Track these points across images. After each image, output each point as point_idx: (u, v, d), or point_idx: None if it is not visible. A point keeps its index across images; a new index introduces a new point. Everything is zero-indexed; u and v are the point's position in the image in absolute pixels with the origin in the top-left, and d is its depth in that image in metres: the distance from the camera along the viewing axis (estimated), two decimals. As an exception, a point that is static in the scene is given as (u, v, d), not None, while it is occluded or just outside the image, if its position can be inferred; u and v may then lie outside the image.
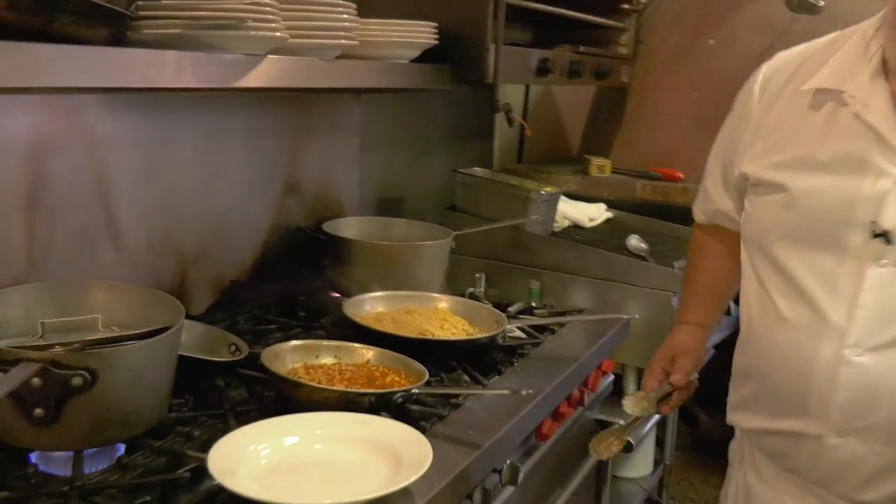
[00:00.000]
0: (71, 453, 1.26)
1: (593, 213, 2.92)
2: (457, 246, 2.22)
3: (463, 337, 1.72)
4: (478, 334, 1.75)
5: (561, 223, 2.79)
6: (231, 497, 1.16)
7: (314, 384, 1.41)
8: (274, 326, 1.89)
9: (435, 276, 2.09)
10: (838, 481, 1.25)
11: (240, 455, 1.18)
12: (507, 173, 2.97)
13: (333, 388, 1.41)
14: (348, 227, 2.16)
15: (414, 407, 1.44)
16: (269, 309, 2.00)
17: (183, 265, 1.78)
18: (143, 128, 1.65)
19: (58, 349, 1.22)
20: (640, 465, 2.91)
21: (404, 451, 1.21)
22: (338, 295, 2.08)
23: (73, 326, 1.36)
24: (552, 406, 1.66)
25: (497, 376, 1.65)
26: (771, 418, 1.32)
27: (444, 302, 1.88)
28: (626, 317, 2.04)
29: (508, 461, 1.47)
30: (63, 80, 1.18)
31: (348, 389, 1.41)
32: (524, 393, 1.42)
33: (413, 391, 1.41)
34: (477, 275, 2.38)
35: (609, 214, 2.98)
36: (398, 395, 1.40)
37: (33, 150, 1.44)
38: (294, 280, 2.09)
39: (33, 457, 1.28)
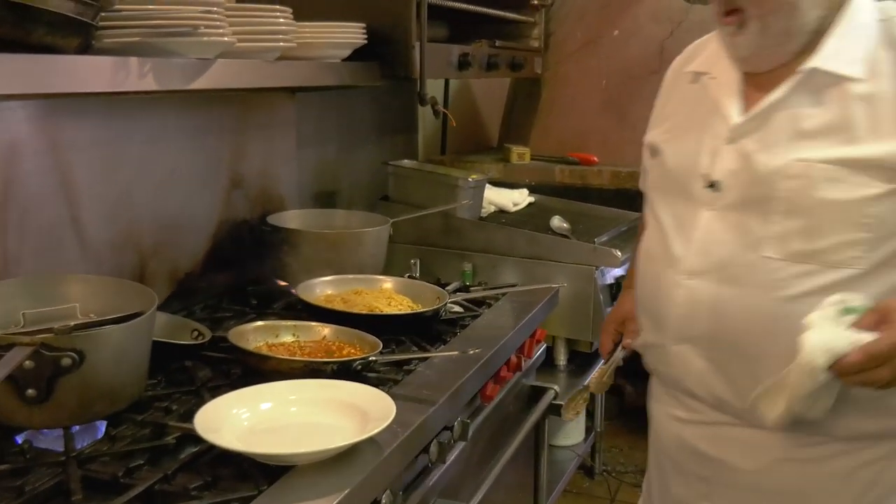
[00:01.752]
0: (59, 432, 1.37)
1: (517, 198, 3.10)
2: (392, 234, 2.36)
3: (409, 311, 1.88)
4: (422, 309, 1.91)
5: (487, 209, 2.96)
6: (216, 456, 1.30)
7: (281, 356, 1.55)
8: (229, 314, 2.01)
9: (376, 262, 2.24)
10: (681, 381, 1.48)
11: (222, 418, 1.31)
12: (433, 164, 3.13)
13: (299, 358, 1.55)
14: (291, 219, 2.29)
15: (371, 374, 1.58)
16: (221, 298, 2.11)
17: (142, 259, 1.88)
18: (99, 130, 1.75)
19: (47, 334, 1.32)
20: (573, 434, 3.11)
21: (370, 407, 1.35)
22: (284, 283, 2.21)
23: (53, 316, 1.46)
24: (494, 369, 1.82)
25: (442, 345, 1.80)
26: (645, 334, 1.56)
27: (388, 283, 2.03)
28: (555, 286, 2.21)
29: (459, 418, 1.63)
30: (43, 87, 1.29)
31: (312, 359, 1.55)
32: (471, 352, 1.58)
33: (370, 358, 1.56)
34: (412, 260, 2.53)
35: (531, 199, 3.16)
36: (357, 362, 1.54)
37: (4, 154, 1.54)
38: (242, 270, 2.21)
39: (20, 438, 1.38)
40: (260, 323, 1.71)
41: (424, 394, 1.53)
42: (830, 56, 1.30)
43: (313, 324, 1.73)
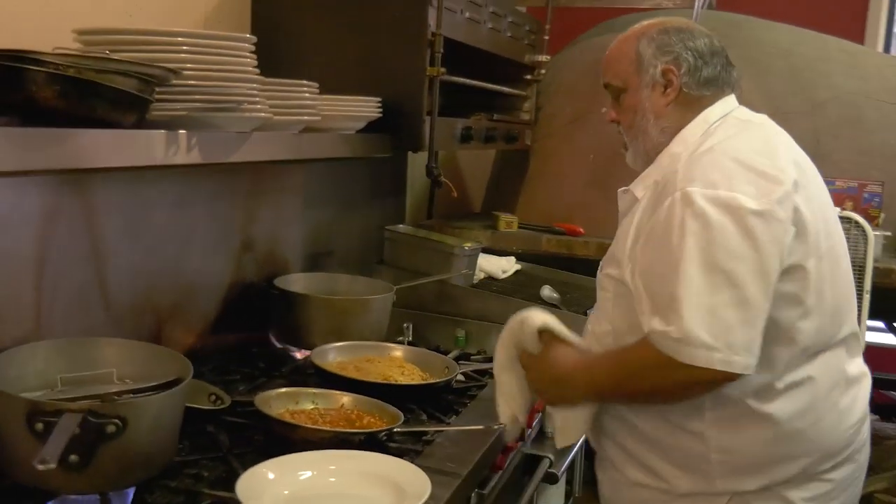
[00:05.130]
0: (92, 498, 1.39)
1: (505, 266, 3.17)
2: (392, 299, 2.41)
3: (420, 382, 1.92)
4: (431, 379, 1.95)
5: (477, 275, 3.03)
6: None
7: (310, 426, 1.58)
8: (237, 377, 2.03)
9: (380, 328, 2.29)
10: None
11: (263, 485, 1.34)
12: (426, 229, 3.20)
13: (328, 428, 1.58)
14: (296, 283, 2.33)
15: (392, 444, 1.63)
16: (229, 361, 2.13)
17: (159, 322, 1.91)
18: (126, 196, 1.78)
19: (94, 400, 1.34)
20: (554, 499, 3.14)
21: (405, 483, 1.39)
22: (290, 346, 2.25)
23: (89, 380, 1.49)
24: (502, 441, 1.87)
25: (454, 415, 1.85)
26: None
27: (398, 351, 2.08)
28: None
29: (476, 490, 1.67)
30: (103, 161, 1.33)
31: (341, 429, 1.58)
32: (496, 426, 1.64)
33: (395, 429, 1.61)
34: (405, 325, 2.57)
35: (518, 266, 3.24)
36: (383, 433, 1.59)
37: (43, 220, 1.57)
38: (249, 332, 2.24)
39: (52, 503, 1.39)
40: (282, 390, 1.75)
41: (449, 466, 1.57)
42: (639, 179, 1.67)
43: (333, 392, 1.77)
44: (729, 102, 1.70)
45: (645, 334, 1.46)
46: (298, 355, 2.22)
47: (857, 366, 1.67)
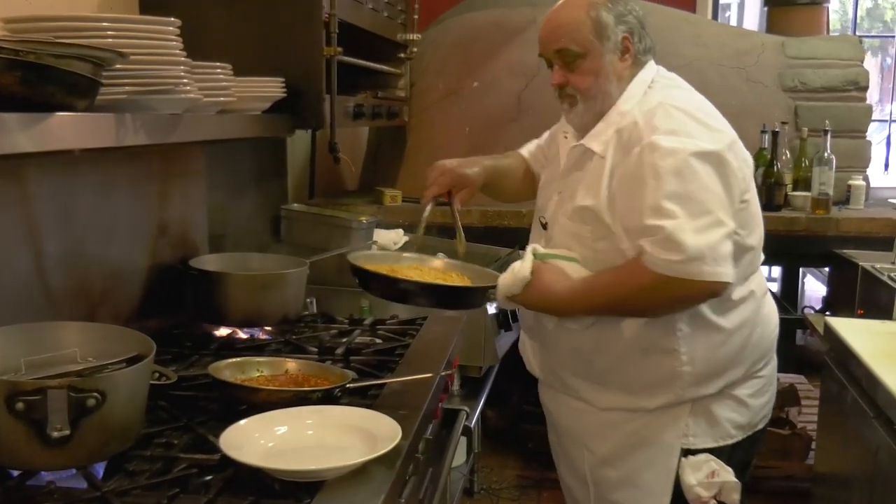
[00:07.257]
0: (71, 472, 1.44)
1: (395, 238, 3.30)
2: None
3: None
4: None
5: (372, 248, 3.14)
6: (241, 481, 1.40)
7: (272, 388, 1.67)
8: (169, 357, 2.07)
9: (297, 301, 2.37)
10: None
11: (244, 439, 1.43)
12: (319, 207, 3.28)
13: (288, 388, 1.67)
14: (210, 263, 2.37)
15: (344, 401, 1.73)
16: (156, 343, 2.16)
17: (92, 308, 1.92)
18: (58, 183, 1.79)
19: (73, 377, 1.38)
20: (458, 456, 3.31)
21: (376, 429, 1.50)
22: (211, 325, 2.29)
23: (53, 361, 1.51)
24: (440, 390, 2.01)
25: (389, 373, 1.97)
26: None
27: (437, 261, 2.21)
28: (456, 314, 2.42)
29: (424, 436, 1.80)
30: (58, 144, 1.37)
31: (300, 388, 1.68)
32: (443, 373, 1.78)
33: (347, 385, 1.72)
34: (308, 299, 2.66)
35: (407, 238, 3.37)
36: (337, 389, 1.69)
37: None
38: (168, 314, 2.27)
39: (35, 480, 1.42)
40: (230, 361, 1.81)
41: (402, 413, 1.69)
42: (592, 136, 1.83)
43: (277, 359, 1.86)
44: (654, 65, 1.91)
45: (629, 259, 1.70)
46: (222, 332, 2.28)
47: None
